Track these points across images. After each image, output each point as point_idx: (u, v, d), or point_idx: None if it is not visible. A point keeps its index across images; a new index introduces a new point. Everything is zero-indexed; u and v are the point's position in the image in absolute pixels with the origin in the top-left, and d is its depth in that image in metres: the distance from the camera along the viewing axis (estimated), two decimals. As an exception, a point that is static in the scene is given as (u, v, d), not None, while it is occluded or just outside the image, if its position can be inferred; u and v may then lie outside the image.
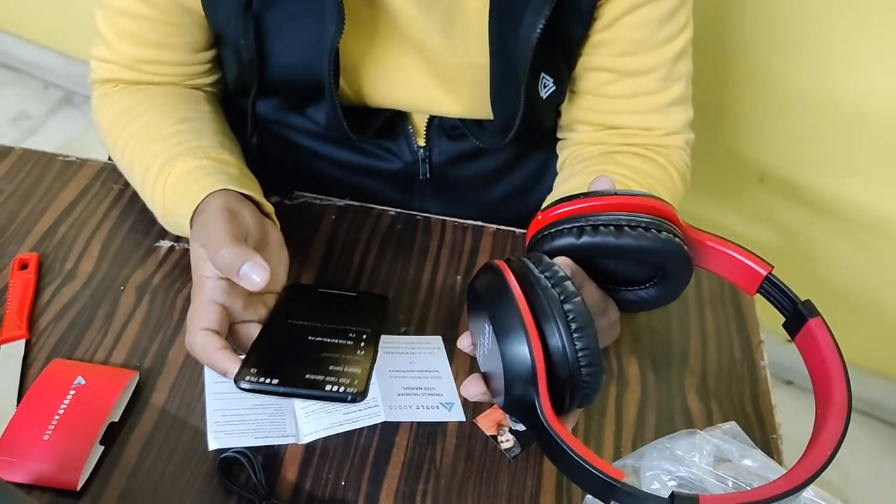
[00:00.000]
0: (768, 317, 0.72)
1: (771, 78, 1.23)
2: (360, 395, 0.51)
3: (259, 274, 0.52)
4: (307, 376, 0.52)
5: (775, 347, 0.71)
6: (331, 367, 0.53)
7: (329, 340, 0.56)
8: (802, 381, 1.56)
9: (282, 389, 0.52)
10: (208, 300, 0.55)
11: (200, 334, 0.53)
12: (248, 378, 0.51)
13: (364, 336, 0.57)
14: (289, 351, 0.55)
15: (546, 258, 0.49)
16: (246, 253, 0.53)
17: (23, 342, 0.62)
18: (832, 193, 1.31)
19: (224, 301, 0.55)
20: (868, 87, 1.18)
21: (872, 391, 1.52)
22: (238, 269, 0.53)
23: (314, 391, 0.52)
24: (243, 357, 0.53)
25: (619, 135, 0.74)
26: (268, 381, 0.52)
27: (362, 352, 0.56)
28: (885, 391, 1.51)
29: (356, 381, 0.52)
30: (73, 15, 1.88)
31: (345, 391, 0.51)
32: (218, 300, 0.55)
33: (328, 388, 0.51)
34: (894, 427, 1.54)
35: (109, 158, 0.79)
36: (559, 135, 0.81)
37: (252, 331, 0.56)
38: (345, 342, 0.56)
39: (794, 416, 0.67)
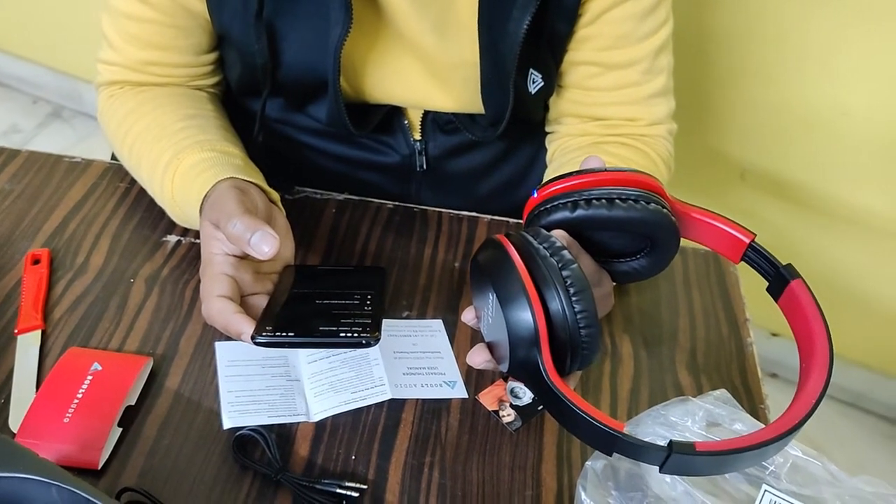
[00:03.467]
0: (754, 312, 0.75)
1: (751, 75, 1.27)
2: (374, 340, 0.54)
3: (269, 243, 0.55)
4: (321, 328, 0.55)
5: (761, 341, 0.74)
6: (342, 320, 0.56)
7: (336, 301, 0.59)
8: (787, 374, 1.59)
9: (298, 340, 0.54)
10: (219, 272, 0.58)
11: (216, 300, 0.56)
12: (263, 333, 0.54)
13: (369, 296, 0.60)
14: (300, 310, 0.58)
15: (543, 231, 0.52)
16: (256, 223, 0.56)
17: (39, 332, 0.64)
18: (813, 188, 1.34)
19: (233, 274, 0.58)
20: (848, 83, 1.21)
21: (856, 382, 1.55)
22: (249, 239, 0.55)
23: (330, 339, 0.54)
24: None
25: (605, 126, 0.78)
26: (283, 334, 0.54)
27: (369, 307, 0.58)
28: (869, 382, 1.55)
29: (368, 328, 0.55)
30: (61, 30, 1.90)
31: (359, 336, 0.54)
32: (227, 273, 0.58)
33: (343, 335, 0.54)
34: (878, 417, 1.57)
35: (113, 159, 0.82)
36: (547, 128, 0.84)
37: (261, 302, 0.59)
38: (351, 301, 0.59)
39: (780, 409, 0.69)
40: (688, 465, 0.44)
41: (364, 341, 0.54)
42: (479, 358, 0.55)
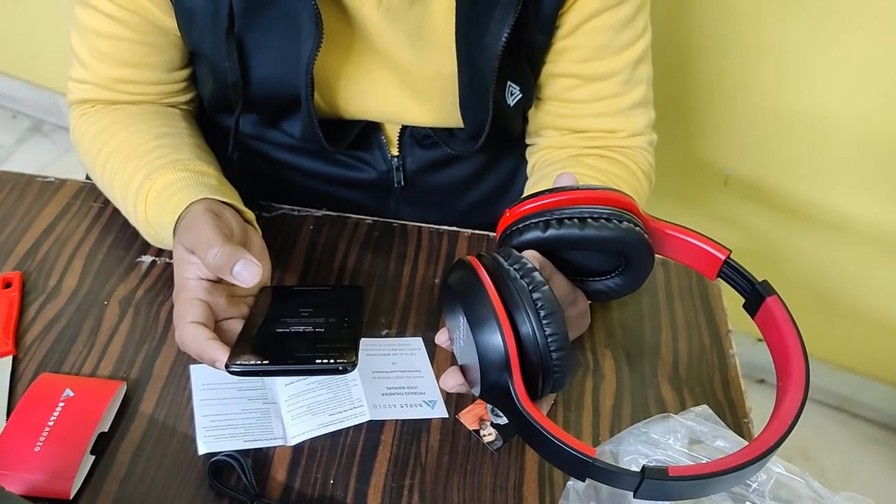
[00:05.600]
0: (741, 319, 0.75)
1: (733, 81, 1.27)
2: (350, 366, 0.52)
3: (252, 272, 0.54)
4: (296, 354, 0.54)
5: (747, 347, 0.73)
6: (318, 345, 0.55)
7: (312, 325, 0.58)
8: (774, 380, 1.60)
9: (273, 368, 0.53)
10: (192, 297, 0.56)
11: (189, 327, 0.55)
12: (238, 362, 0.53)
13: (346, 319, 0.59)
14: (275, 336, 0.57)
15: (515, 252, 0.51)
16: (238, 252, 0.55)
17: (10, 358, 0.63)
18: (796, 194, 1.35)
19: (207, 299, 0.57)
20: (829, 89, 1.22)
21: (843, 387, 1.55)
22: (231, 268, 0.54)
23: (305, 366, 0.53)
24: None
25: (585, 138, 0.77)
26: (258, 362, 0.53)
27: (346, 331, 0.57)
28: (855, 385, 1.55)
29: (345, 354, 0.54)
30: (40, 44, 1.89)
31: (335, 362, 0.52)
32: (201, 298, 0.57)
33: (319, 361, 0.53)
34: (865, 420, 1.58)
35: (88, 178, 0.80)
36: (528, 140, 0.83)
37: (236, 326, 0.58)
38: (328, 324, 0.58)
39: (767, 414, 0.69)
40: (662, 490, 0.43)
41: (341, 367, 0.53)
42: (451, 381, 0.54)
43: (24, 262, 0.72)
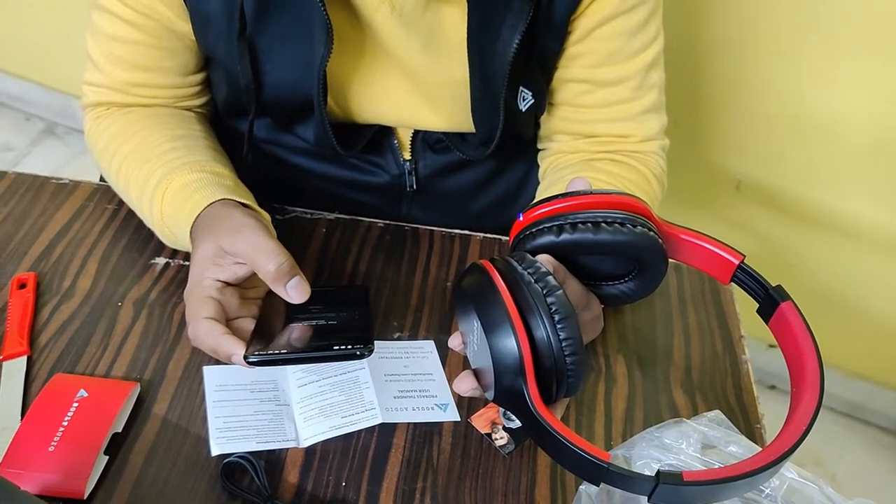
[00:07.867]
0: (752, 325, 0.75)
1: (746, 86, 1.27)
2: (367, 351, 0.54)
3: (303, 290, 0.57)
4: (313, 343, 0.55)
5: (758, 353, 0.73)
6: (334, 335, 0.56)
7: (325, 318, 0.59)
8: (786, 386, 1.60)
9: (292, 356, 0.54)
10: (206, 295, 0.58)
11: (204, 322, 0.55)
12: (256, 352, 0.54)
13: (356, 312, 0.60)
14: (290, 329, 0.58)
15: (529, 256, 0.51)
16: (296, 268, 0.58)
17: (24, 359, 0.64)
18: (808, 199, 1.34)
19: (220, 298, 0.58)
20: (842, 94, 1.21)
21: (854, 393, 1.54)
22: (287, 282, 0.56)
23: (323, 353, 0.54)
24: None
25: (597, 143, 0.77)
26: (276, 351, 0.54)
27: (358, 322, 0.59)
28: (867, 393, 1.54)
29: (361, 340, 0.55)
30: (52, 46, 1.90)
31: (353, 348, 0.54)
32: (215, 296, 0.57)
33: (337, 348, 0.54)
34: (878, 428, 1.57)
35: (102, 180, 0.81)
36: (539, 145, 0.83)
37: (247, 325, 0.59)
38: (339, 318, 0.59)
39: (778, 420, 0.69)
40: (676, 495, 0.43)
41: (358, 352, 0.53)
42: (465, 385, 0.54)
43: (38, 263, 0.72)
